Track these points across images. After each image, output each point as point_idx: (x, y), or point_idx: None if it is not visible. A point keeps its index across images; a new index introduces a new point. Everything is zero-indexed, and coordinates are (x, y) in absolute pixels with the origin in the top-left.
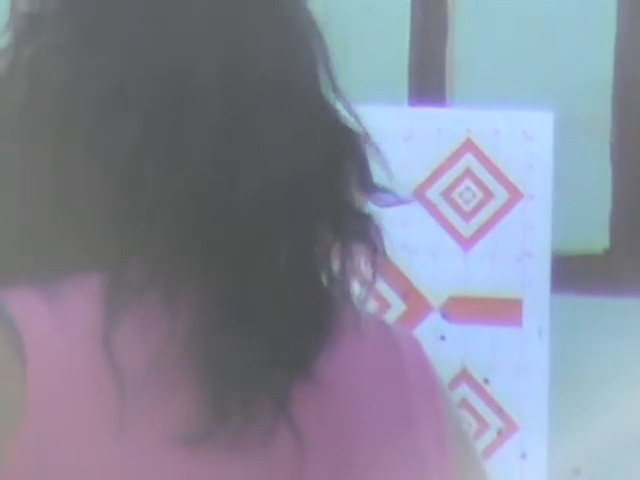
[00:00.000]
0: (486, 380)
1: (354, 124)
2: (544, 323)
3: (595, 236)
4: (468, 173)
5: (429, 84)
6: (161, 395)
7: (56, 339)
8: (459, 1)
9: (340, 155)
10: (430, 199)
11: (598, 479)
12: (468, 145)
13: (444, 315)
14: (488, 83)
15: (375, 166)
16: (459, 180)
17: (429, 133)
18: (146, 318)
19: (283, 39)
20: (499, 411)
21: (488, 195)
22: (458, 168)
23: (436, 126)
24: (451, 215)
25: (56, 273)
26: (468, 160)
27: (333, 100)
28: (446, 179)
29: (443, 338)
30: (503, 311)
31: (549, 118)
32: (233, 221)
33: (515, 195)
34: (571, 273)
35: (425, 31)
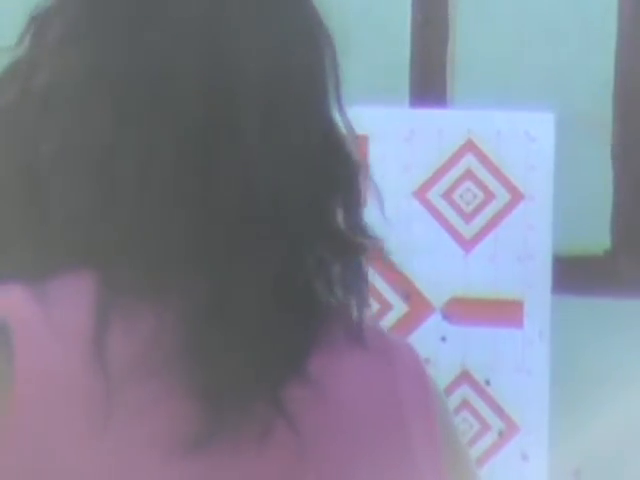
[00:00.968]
0: (487, 381)
1: (351, 149)
2: (545, 324)
3: (596, 237)
4: (469, 174)
5: (430, 85)
6: (151, 397)
7: (45, 337)
8: (460, 2)
9: (330, 171)
10: (431, 200)
11: None
12: (469, 146)
13: (445, 316)
14: (489, 84)
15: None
16: (460, 181)
17: (430, 134)
18: (135, 319)
19: (279, 43)
20: (500, 412)
21: (489, 196)
22: (459, 169)
23: (437, 127)
24: (452, 216)
25: (46, 271)
26: (469, 161)
27: (334, 112)
28: (447, 180)
29: (444, 339)
30: (504, 312)
31: (550, 119)
32: (221, 225)
33: (516, 196)
34: (572, 274)
35: (426, 32)
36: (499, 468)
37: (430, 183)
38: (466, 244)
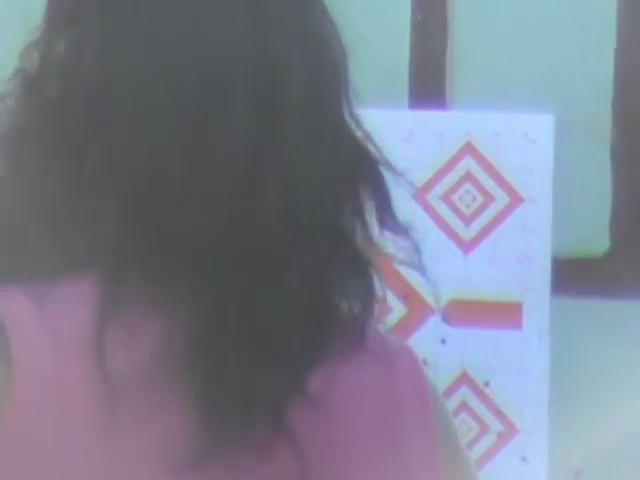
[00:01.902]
0: (486, 383)
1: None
2: (544, 326)
3: (595, 240)
4: (468, 176)
5: (429, 87)
6: (152, 406)
7: (44, 340)
8: (459, 3)
9: (361, 179)
10: (430, 202)
11: None
12: (468, 148)
13: (444, 318)
14: (488, 86)
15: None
16: (459, 183)
17: (429, 136)
18: (138, 326)
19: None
20: (499, 414)
21: (488, 198)
22: (458, 171)
23: (436, 129)
24: (451, 218)
25: (48, 273)
26: (468, 163)
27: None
28: (446, 182)
29: (444, 341)
30: (503, 314)
31: (550, 121)
32: (247, 235)
33: (515, 198)
34: (571, 276)
35: (425, 34)
36: (498, 470)
37: (429, 185)
38: (465, 246)
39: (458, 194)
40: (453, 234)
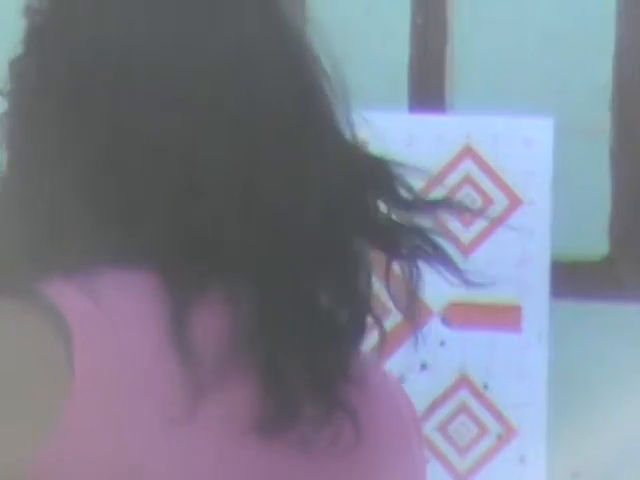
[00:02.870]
0: (485, 385)
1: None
2: (543, 329)
3: (594, 242)
4: (468, 179)
5: (429, 90)
6: (225, 386)
7: (103, 328)
8: (459, 7)
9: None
10: None
11: None
12: (468, 151)
13: (444, 321)
14: (488, 89)
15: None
16: (459, 186)
17: (429, 139)
18: (208, 310)
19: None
20: (498, 416)
21: (487, 201)
22: (458, 174)
23: (436, 132)
24: (450, 221)
25: (96, 266)
26: (468, 166)
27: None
28: (446, 185)
29: (443, 344)
30: (503, 317)
31: (549, 124)
32: (300, 227)
33: (514, 201)
34: (570, 279)
35: (425, 37)
36: (497, 471)
37: (428, 189)
38: (465, 249)
39: (457, 197)
40: (452, 236)
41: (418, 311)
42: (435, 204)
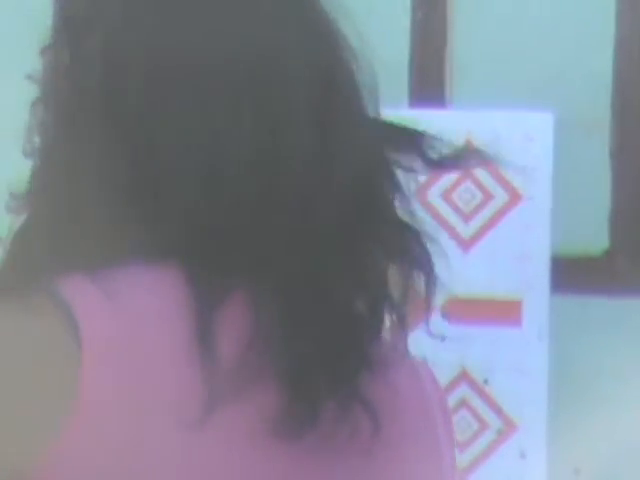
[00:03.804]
0: (486, 381)
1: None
2: (543, 324)
3: (594, 237)
4: (468, 174)
5: (429, 85)
6: (245, 387)
7: (113, 325)
8: (459, 2)
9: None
10: (430, 200)
11: (598, 479)
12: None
13: (444, 316)
14: (488, 84)
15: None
16: (459, 181)
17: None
18: (230, 311)
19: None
20: (499, 411)
21: (488, 196)
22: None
23: (436, 128)
24: (450, 216)
25: (112, 262)
26: None
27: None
28: (446, 180)
29: (443, 339)
30: (503, 312)
31: (549, 119)
32: (326, 220)
33: (515, 196)
34: (570, 274)
35: (425, 33)
36: (498, 466)
37: (429, 183)
38: (465, 244)
39: (457, 192)
40: (452, 232)
41: (432, 306)
42: (463, 158)
